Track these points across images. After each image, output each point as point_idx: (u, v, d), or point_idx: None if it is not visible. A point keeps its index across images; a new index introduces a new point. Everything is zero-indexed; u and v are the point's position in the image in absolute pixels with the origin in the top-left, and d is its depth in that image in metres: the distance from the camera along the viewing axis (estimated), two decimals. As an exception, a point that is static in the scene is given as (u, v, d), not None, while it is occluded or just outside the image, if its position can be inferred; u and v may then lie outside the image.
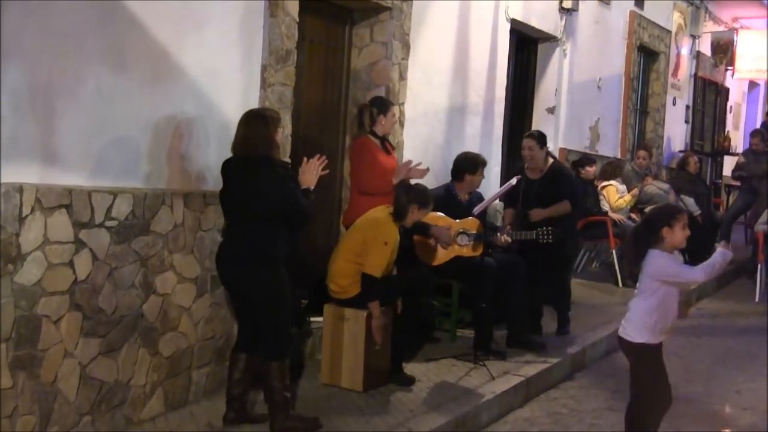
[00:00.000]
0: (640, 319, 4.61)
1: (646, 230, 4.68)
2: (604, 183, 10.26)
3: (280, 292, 4.77)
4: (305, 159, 4.91)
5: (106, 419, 4.59)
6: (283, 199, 4.63)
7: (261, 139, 4.69)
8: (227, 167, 4.83)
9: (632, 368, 4.72)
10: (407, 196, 5.79)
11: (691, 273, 4.58)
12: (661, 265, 4.55)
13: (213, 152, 5.25)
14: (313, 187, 4.83)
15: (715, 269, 4.52)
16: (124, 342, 4.66)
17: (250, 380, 4.97)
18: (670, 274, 4.55)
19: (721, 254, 4.51)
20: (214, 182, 5.26)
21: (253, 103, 5.52)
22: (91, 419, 4.50)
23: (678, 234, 4.57)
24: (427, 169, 6.47)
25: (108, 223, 4.47)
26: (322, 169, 4.89)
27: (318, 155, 4.93)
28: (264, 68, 5.56)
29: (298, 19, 5.80)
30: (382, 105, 6.34)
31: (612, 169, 10.54)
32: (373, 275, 5.59)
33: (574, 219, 7.72)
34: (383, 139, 6.36)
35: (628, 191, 10.36)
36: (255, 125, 4.74)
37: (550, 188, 7.20)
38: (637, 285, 4.72)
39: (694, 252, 6.33)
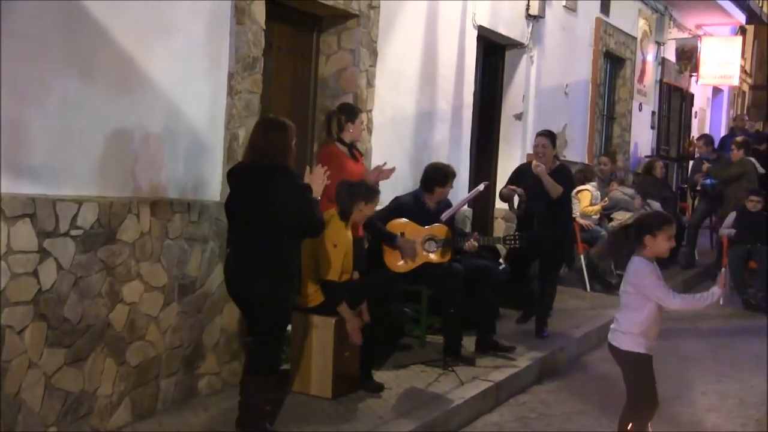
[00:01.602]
0: (631, 330, 4.68)
1: (627, 234, 4.75)
2: (580, 187, 10.33)
3: (287, 307, 4.78)
4: (308, 168, 4.91)
5: (72, 430, 4.54)
6: (303, 210, 4.60)
7: (280, 149, 4.66)
8: (236, 175, 4.78)
9: (626, 375, 4.80)
10: (351, 195, 5.78)
11: (667, 297, 4.60)
12: (640, 273, 4.63)
13: (180, 160, 5.23)
14: (319, 198, 4.82)
15: (697, 304, 4.61)
16: (91, 352, 4.62)
17: None
18: (644, 285, 4.61)
19: (712, 295, 4.57)
20: (181, 190, 5.24)
21: (220, 111, 5.50)
22: (57, 430, 4.44)
23: (661, 244, 4.66)
24: (393, 168, 6.47)
25: (73, 232, 4.42)
26: (327, 178, 4.89)
27: (320, 164, 4.94)
28: (231, 76, 5.54)
29: (264, 27, 5.79)
30: (350, 112, 6.34)
31: (585, 175, 10.61)
32: (331, 280, 5.60)
33: (569, 223, 8.11)
34: (351, 146, 6.36)
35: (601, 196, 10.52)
36: (275, 134, 4.71)
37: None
38: (621, 295, 4.77)
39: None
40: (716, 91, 20.27)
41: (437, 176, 6.92)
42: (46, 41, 4.32)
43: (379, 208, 6.82)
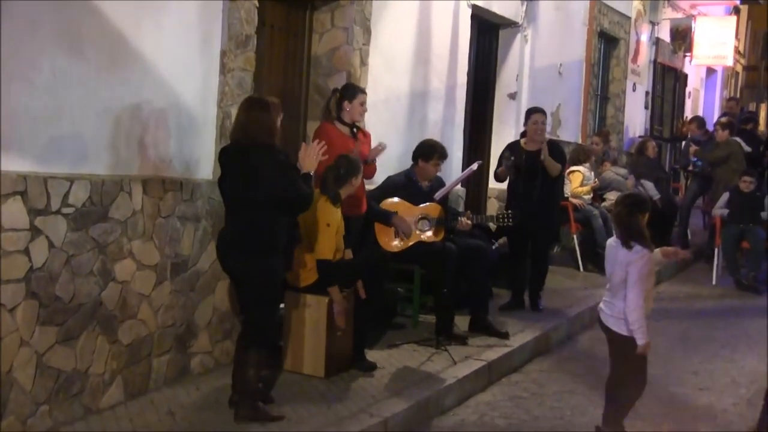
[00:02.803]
0: (639, 317, 4.69)
1: (625, 216, 4.79)
2: (572, 168, 10.30)
3: (274, 281, 4.79)
4: (303, 144, 4.93)
5: (64, 408, 4.54)
6: (286, 188, 4.62)
7: (264, 127, 4.68)
8: (226, 154, 4.81)
9: (615, 357, 4.82)
10: (340, 175, 5.72)
11: (633, 296, 4.65)
12: (647, 263, 4.67)
13: (172, 138, 5.20)
14: (312, 172, 4.83)
15: (635, 322, 4.65)
16: (83, 330, 4.61)
17: None
18: (641, 273, 4.64)
19: (643, 335, 4.66)
20: (173, 168, 5.22)
21: (213, 89, 5.47)
22: (49, 408, 4.44)
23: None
24: (382, 145, 6.39)
25: (65, 210, 4.40)
26: (322, 155, 4.90)
27: (317, 140, 4.94)
28: (223, 53, 5.50)
29: (257, 4, 5.74)
30: (347, 91, 6.28)
31: (578, 155, 10.58)
32: (326, 259, 5.59)
33: (558, 198, 8.24)
34: (353, 126, 6.31)
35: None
36: (258, 113, 4.72)
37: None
38: (614, 280, 4.77)
39: (654, 236, 6.42)
40: (710, 71, 20.27)
41: (425, 150, 6.90)
42: (36, 18, 4.27)
43: (371, 187, 6.82)
